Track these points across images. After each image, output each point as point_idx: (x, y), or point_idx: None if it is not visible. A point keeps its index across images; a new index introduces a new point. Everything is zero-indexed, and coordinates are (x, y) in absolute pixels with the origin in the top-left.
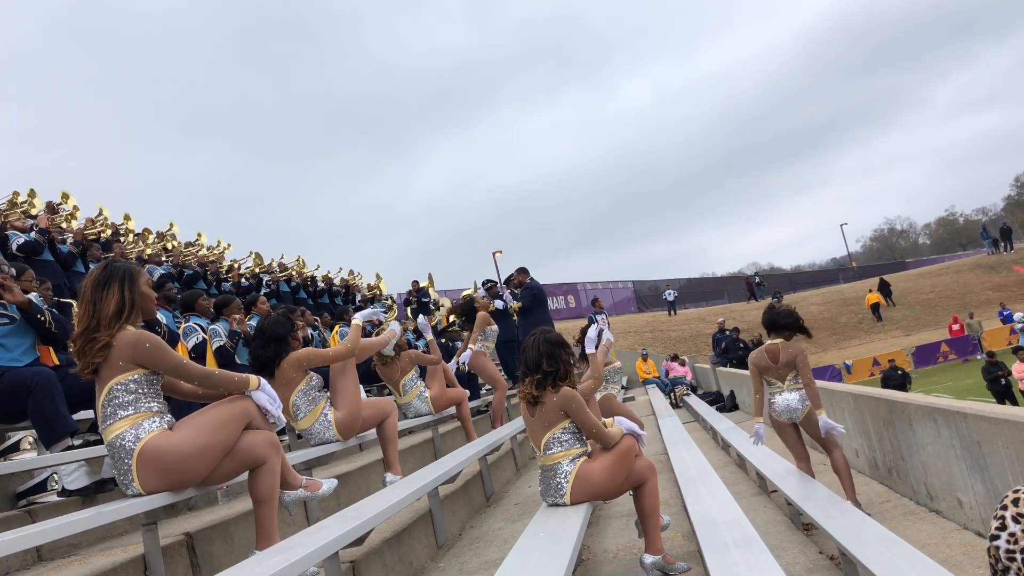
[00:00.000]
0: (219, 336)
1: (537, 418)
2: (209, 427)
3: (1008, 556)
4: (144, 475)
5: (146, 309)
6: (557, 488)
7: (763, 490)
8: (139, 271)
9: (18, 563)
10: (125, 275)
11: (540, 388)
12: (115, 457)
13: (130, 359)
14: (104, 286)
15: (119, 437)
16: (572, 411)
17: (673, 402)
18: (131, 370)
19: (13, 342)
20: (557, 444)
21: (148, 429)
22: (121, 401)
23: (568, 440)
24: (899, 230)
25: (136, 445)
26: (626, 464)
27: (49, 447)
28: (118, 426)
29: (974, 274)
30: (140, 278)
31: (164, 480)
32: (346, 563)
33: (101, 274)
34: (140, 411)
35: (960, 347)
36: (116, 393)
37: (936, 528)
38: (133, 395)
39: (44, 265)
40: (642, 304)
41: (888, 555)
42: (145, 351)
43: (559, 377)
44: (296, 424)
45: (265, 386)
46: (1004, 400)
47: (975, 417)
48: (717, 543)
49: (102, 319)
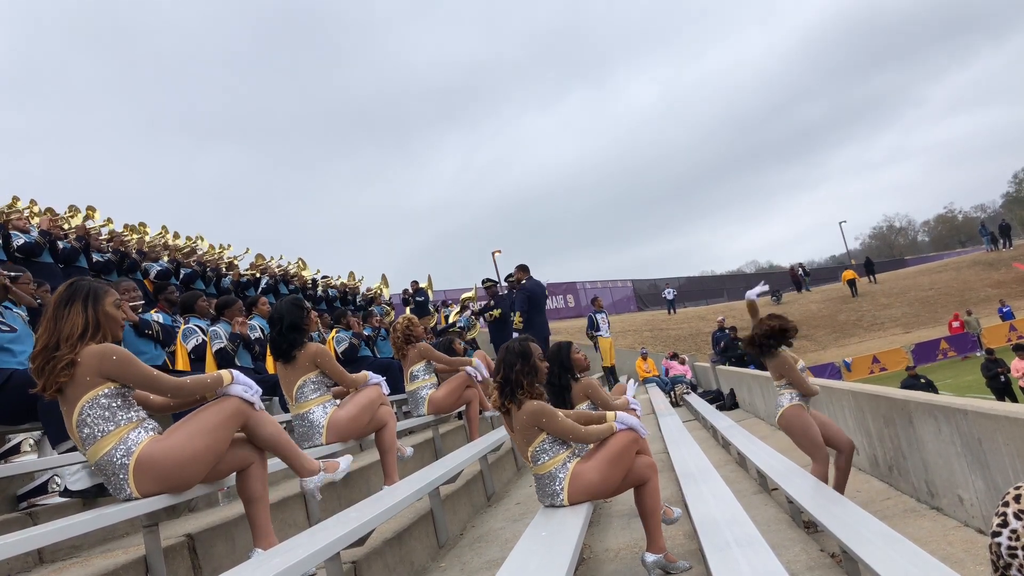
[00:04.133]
0: (219, 338)
1: (516, 431)
2: (203, 431)
3: (1010, 552)
4: (140, 482)
5: (112, 331)
6: (554, 494)
7: (764, 488)
8: (106, 291)
9: (19, 565)
10: (89, 294)
11: (503, 398)
12: (107, 473)
13: (97, 373)
14: (67, 303)
15: (107, 456)
16: (544, 425)
17: (673, 401)
18: (100, 385)
19: (19, 348)
20: (543, 454)
21: (137, 440)
22: (95, 419)
23: (552, 449)
24: (898, 227)
25: (130, 459)
26: (623, 462)
27: (56, 446)
28: (102, 445)
29: (973, 271)
30: (106, 298)
31: (160, 485)
32: (347, 563)
33: (65, 292)
34: (121, 424)
35: (960, 344)
36: (87, 413)
37: (937, 525)
38: (107, 411)
39: (43, 267)
40: (641, 303)
41: (889, 552)
42: (112, 364)
43: (516, 387)
44: (293, 407)
45: (238, 377)
46: (1004, 397)
47: (975, 414)
48: (718, 541)
49: (62, 338)
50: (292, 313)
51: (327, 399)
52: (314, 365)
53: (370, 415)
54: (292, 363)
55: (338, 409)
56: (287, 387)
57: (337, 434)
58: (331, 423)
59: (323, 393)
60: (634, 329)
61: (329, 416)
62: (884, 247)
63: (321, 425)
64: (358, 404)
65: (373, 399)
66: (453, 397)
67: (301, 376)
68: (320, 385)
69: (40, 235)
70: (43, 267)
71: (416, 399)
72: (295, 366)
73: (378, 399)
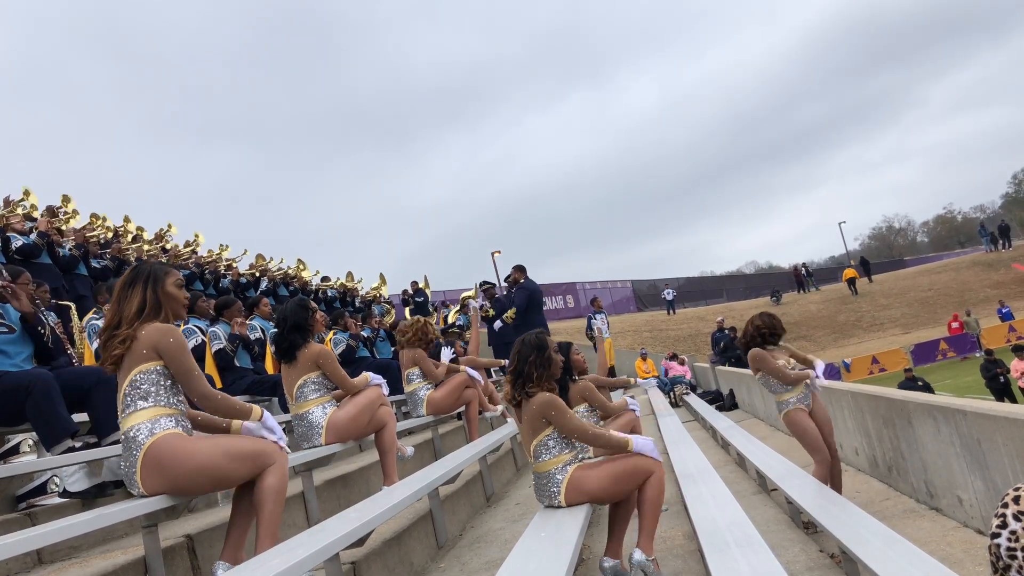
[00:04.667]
0: (219, 339)
1: (524, 423)
2: (228, 453)
3: (1009, 554)
4: (147, 474)
5: (173, 310)
6: (551, 495)
7: (763, 489)
8: (167, 272)
9: (18, 566)
10: (150, 276)
11: (515, 390)
12: (125, 449)
13: (153, 348)
14: (130, 285)
15: (134, 428)
16: (552, 419)
17: (672, 401)
18: (155, 360)
19: (14, 349)
20: (546, 452)
21: (163, 426)
22: (143, 391)
23: (555, 447)
24: (897, 228)
25: (147, 440)
26: (629, 483)
27: (49, 448)
28: (135, 417)
29: (972, 272)
30: (167, 279)
31: (165, 483)
32: (347, 564)
33: (128, 274)
34: (160, 405)
35: (959, 345)
36: (137, 381)
37: (936, 526)
38: (154, 386)
39: (42, 268)
40: (641, 303)
41: (889, 553)
42: (167, 344)
43: (527, 379)
44: (293, 407)
45: (268, 419)
46: (1003, 397)
47: (974, 415)
48: (718, 542)
49: (124, 317)
50: (297, 314)
51: (327, 400)
52: (315, 366)
53: (370, 415)
54: (294, 363)
55: (338, 410)
56: (288, 387)
57: (337, 435)
58: (330, 424)
59: (323, 394)
60: (633, 329)
61: (328, 417)
62: (883, 248)
63: (320, 425)
64: (358, 405)
65: (373, 400)
66: (452, 398)
67: (302, 376)
68: (321, 386)
69: (38, 237)
70: (42, 268)
71: (415, 400)
72: (296, 366)
73: (378, 400)
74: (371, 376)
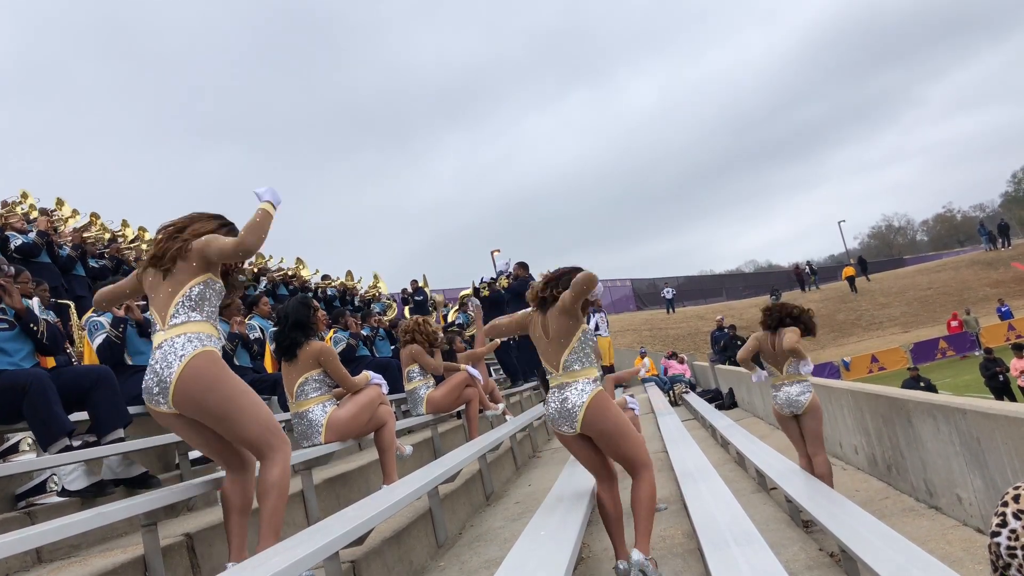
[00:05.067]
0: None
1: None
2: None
3: (1009, 552)
4: (184, 381)
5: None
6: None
7: (763, 487)
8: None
9: (18, 564)
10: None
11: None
12: (166, 360)
13: (203, 258)
14: (210, 218)
15: (180, 338)
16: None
17: (672, 400)
18: (206, 274)
19: (14, 347)
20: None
21: (208, 344)
22: (194, 303)
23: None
24: (897, 227)
25: (193, 351)
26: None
27: (46, 448)
28: (185, 328)
29: (972, 270)
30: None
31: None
32: (346, 563)
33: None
34: (210, 320)
35: (958, 343)
36: (192, 294)
37: (936, 524)
38: (206, 301)
39: (42, 267)
40: (640, 302)
41: (888, 552)
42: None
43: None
44: (293, 405)
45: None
46: (1002, 396)
47: (974, 413)
48: (717, 540)
49: (191, 228)
50: (298, 311)
51: (327, 398)
52: (316, 363)
53: (369, 414)
54: (294, 361)
55: (337, 408)
56: (289, 385)
57: (336, 433)
58: (330, 422)
59: (324, 392)
60: (633, 328)
61: (328, 415)
62: (883, 246)
63: (320, 424)
64: (358, 403)
65: (373, 398)
66: (452, 396)
67: (303, 374)
68: (321, 384)
69: (38, 236)
70: (42, 267)
71: (414, 398)
72: (297, 364)
73: (378, 398)
74: (371, 375)
